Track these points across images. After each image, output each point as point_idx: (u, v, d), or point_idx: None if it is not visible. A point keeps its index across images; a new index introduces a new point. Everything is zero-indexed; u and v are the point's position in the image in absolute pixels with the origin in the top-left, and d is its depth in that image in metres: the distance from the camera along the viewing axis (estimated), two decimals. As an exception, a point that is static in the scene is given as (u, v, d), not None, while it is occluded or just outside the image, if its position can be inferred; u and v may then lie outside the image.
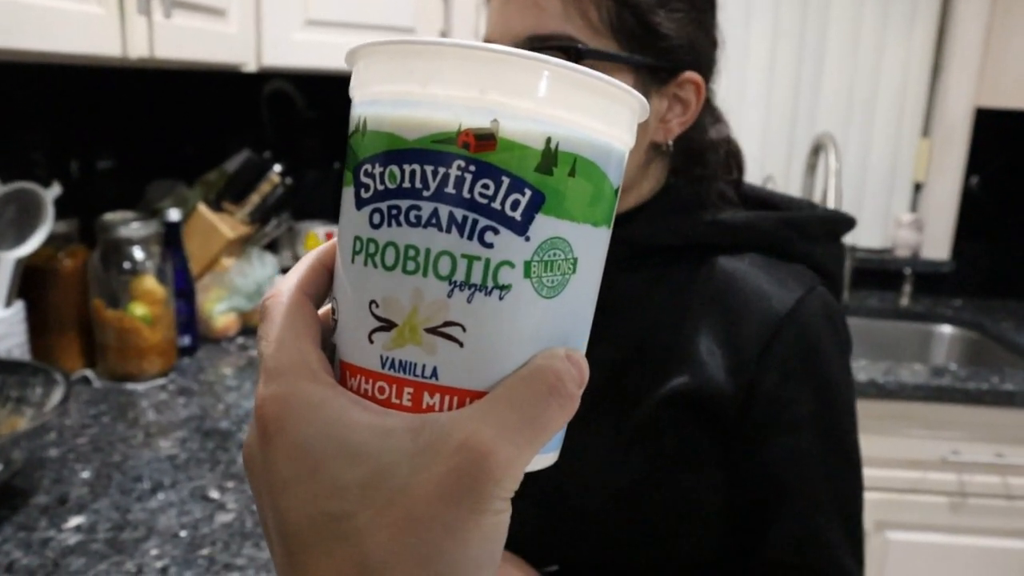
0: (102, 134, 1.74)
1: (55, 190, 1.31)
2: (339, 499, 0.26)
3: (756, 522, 0.73)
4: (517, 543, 0.73)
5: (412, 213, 0.27)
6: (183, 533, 0.94)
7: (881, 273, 2.30)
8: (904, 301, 2.24)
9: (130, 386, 1.38)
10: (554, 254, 0.28)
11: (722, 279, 0.76)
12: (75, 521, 0.95)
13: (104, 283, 1.37)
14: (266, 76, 2.00)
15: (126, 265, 1.38)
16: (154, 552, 0.90)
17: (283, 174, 1.76)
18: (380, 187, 0.28)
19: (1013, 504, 1.71)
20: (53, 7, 0.94)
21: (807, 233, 0.79)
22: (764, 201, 0.84)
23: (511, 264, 0.27)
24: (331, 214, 2.09)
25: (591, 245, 0.29)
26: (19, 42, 0.90)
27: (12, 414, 1.05)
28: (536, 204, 0.27)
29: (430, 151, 0.27)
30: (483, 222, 0.27)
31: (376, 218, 0.28)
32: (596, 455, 0.73)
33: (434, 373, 0.28)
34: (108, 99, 1.72)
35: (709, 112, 0.81)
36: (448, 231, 0.27)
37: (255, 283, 1.65)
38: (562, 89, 0.27)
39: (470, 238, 0.27)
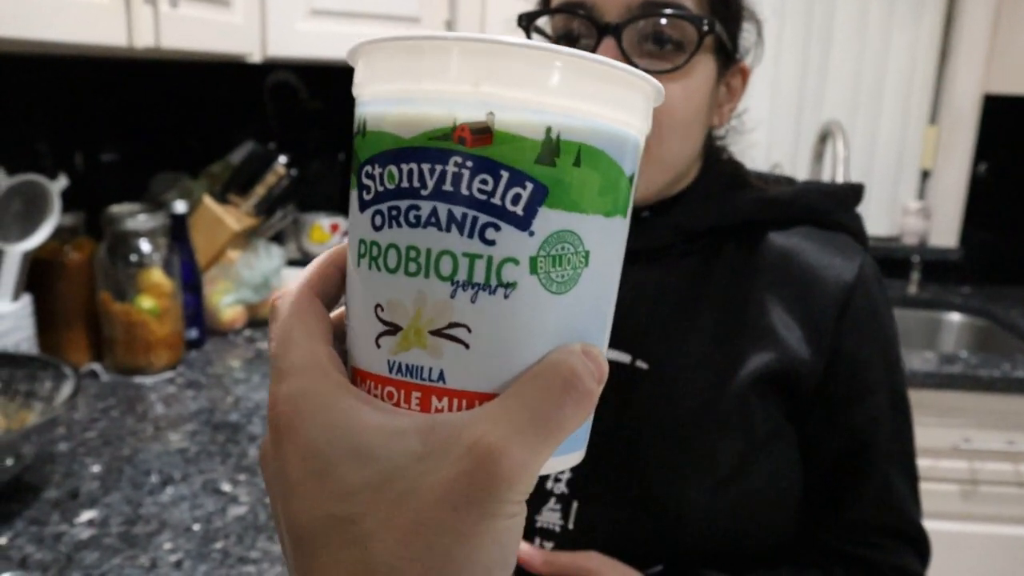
0: (106, 127, 1.73)
1: (61, 182, 1.30)
2: (347, 502, 0.25)
3: (837, 487, 0.75)
4: (620, 548, 0.71)
5: (411, 213, 0.27)
6: (196, 527, 0.93)
7: (889, 261, 2.28)
8: (912, 289, 2.23)
9: (138, 379, 1.37)
10: (562, 248, 0.27)
11: (779, 254, 0.76)
12: (87, 515, 0.95)
13: (111, 276, 1.37)
14: (269, 67, 1.99)
15: (133, 258, 1.37)
16: (168, 546, 0.89)
17: (288, 165, 1.75)
18: (380, 188, 0.27)
19: (1025, 492, 1.70)
20: (58, -4, 0.93)
21: (843, 202, 0.81)
22: (759, 176, 0.86)
23: (515, 261, 0.26)
24: (336, 205, 2.08)
25: (604, 237, 0.28)
26: (23, 32, 0.89)
27: (21, 408, 1.05)
28: (539, 197, 0.26)
29: (427, 148, 0.26)
30: (483, 219, 0.26)
31: (378, 220, 0.27)
32: (693, 447, 0.71)
33: (441, 376, 0.27)
34: (112, 91, 1.71)
35: None
36: (448, 230, 0.26)
37: (261, 275, 1.65)
38: (563, 77, 0.26)
39: (471, 236, 0.26)
